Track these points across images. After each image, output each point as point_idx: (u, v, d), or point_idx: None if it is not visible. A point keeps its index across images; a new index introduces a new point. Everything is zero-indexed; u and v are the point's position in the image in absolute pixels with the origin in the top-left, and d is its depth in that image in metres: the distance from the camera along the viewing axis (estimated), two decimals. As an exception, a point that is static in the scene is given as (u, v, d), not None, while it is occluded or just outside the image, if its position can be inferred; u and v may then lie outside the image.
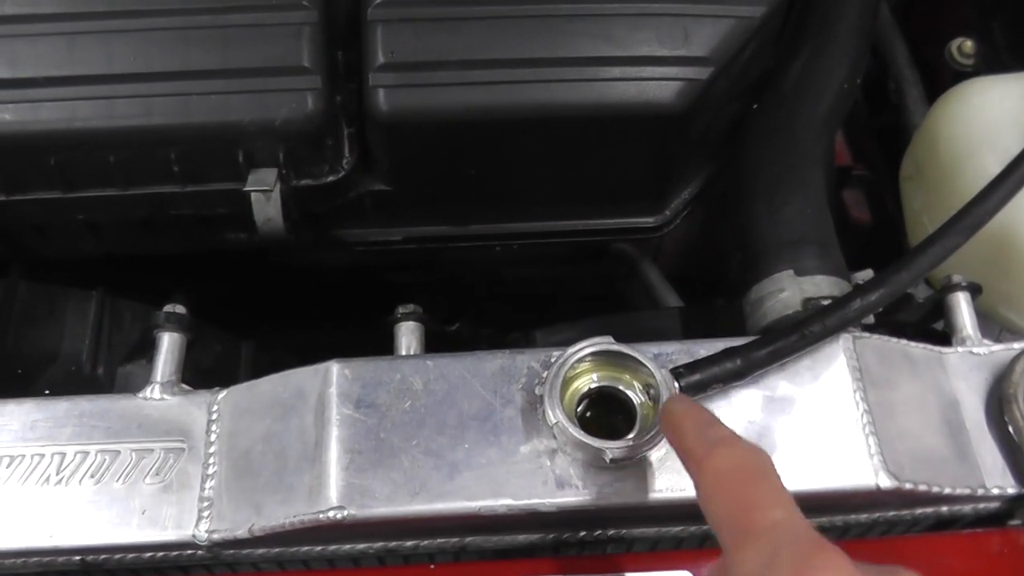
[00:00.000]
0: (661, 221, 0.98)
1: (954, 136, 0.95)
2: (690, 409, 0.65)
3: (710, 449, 0.60)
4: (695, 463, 0.61)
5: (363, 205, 0.92)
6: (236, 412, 0.76)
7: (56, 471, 0.74)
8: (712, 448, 0.60)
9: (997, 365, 0.79)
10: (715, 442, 0.60)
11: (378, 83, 0.82)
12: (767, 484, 0.57)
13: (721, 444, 0.60)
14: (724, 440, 0.60)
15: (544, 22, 0.83)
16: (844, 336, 0.76)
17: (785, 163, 0.87)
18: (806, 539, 0.53)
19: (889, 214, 1.15)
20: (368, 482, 0.70)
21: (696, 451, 0.61)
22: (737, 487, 0.57)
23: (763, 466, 0.58)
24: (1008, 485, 0.75)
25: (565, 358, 0.72)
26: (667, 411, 0.66)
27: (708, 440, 0.61)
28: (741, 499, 0.56)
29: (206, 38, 0.82)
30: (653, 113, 0.83)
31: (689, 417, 0.64)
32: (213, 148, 0.82)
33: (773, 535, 0.53)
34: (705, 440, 0.61)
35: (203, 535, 0.72)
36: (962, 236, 0.78)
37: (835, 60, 0.92)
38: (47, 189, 0.85)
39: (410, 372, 0.74)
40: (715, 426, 0.63)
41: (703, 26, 0.83)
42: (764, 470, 0.58)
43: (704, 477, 0.59)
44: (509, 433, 0.72)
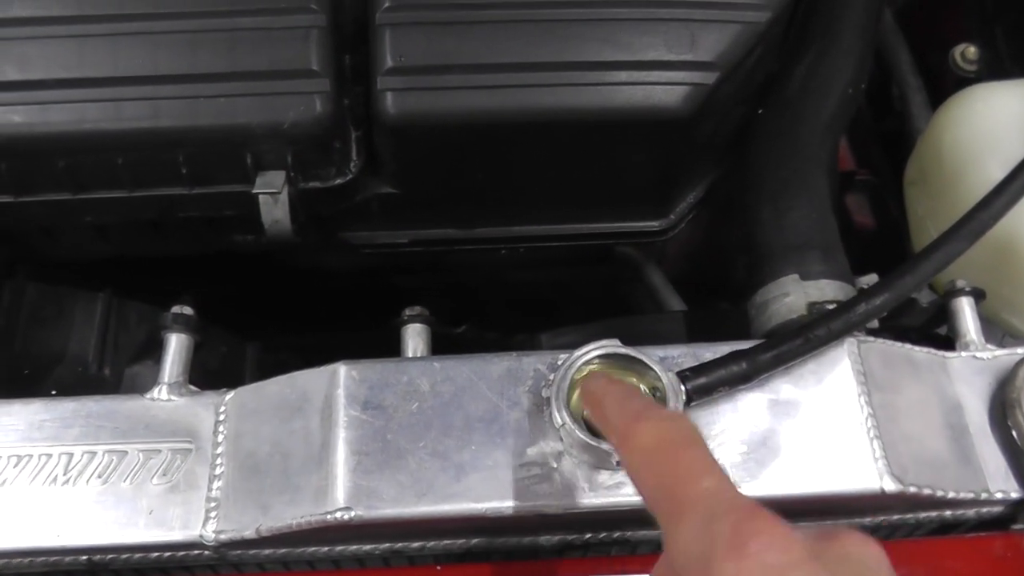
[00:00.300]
0: (666, 225, 0.98)
1: (958, 142, 0.96)
2: (609, 385, 0.64)
3: (632, 424, 0.58)
4: (619, 440, 0.60)
5: (370, 208, 0.92)
6: (243, 413, 0.77)
7: (63, 471, 0.75)
8: (634, 423, 0.58)
9: (1000, 370, 0.79)
10: (636, 416, 0.58)
11: (386, 87, 0.82)
12: (693, 453, 0.55)
13: (642, 418, 0.58)
14: (645, 413, 0.58)
15: (552, 26, 0.83)
16: (848, 340, 0.76)
17: (790, 167, 0.87)
18: (740, 505, 0.51)
19: (893, 219, 1.15)
20: (375, 483, 0.70)
21: (618, 428, 0.60)
22: (663, 460, 0.55)
23: (687, 435, 0.57)
24: (1011, 489, 0.75)
25: (572, 360, 0.72)
26: (586, 390, 0.66)
27: (629, 414, 0.59)
28: (668, 472, 0.55)
29: (214, 41, 0.82)
30: (659, 117, 0.83)
31: (609, 393, 0.63)
32: (221, 151, 0.83)
33: (705, 504, 0.52)
34: (626, 415, 0.59)
35: (210, 535, 0.72)
36: (966, 242, 0.78)
37: (839, 65, 0.92)
38: (55, 191, 0.85)
39: (417, 374, 0.75)
40: (634, 399, 0.62)
41: (709, 31, 0.83)
42: (689, 439, 0.56)
43: (630, 454, 0.58)
44: (516, 435, 0.72)
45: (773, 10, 0.85)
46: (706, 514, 0.51)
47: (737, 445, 0.72)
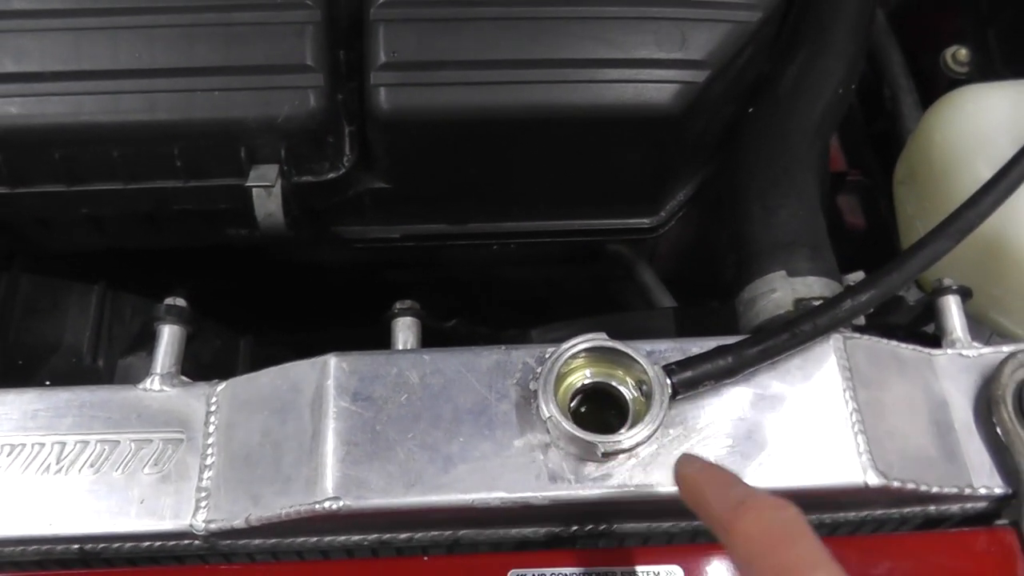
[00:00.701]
0: (657, 222, 0.99)
1: (947, 142, 0.97)
2: (705, 469, 0.64)
3: (736, 512, 0.57)
4: (723, 529, 0.58)
5: (363, 202, 0.92)
6: (234, 404, 0.77)
7: (56, 460, 0.75)
8: (738, 511, 0.57)
9: (986, 367, 0.80)
10: (739, 504, 0.58)
11: (379, 82, 0.83)
12: (803, 544, 0.55)
13: (747, 506, 0.57)
14: (749, 501, 0.58)
15: (544, 24, 0.84)
16: (835, 336, 0.77)
17: (779, 166, 0.88)
18: None
19: (883, 219, 1.16)
20: (364, 474, 0.71)
21: (722, 517, 0.59)
22: (772, 552, 0.55)
23: (795, 524, 0.56)
24: (995, 485, 0.76)
25: (559, 354, 0.73)
26: (682, 476, 0.64)
27: (732, 502, 0.58)
28: (778, 565, 0.54)
29: (210, 35, 0.83)
30: (650, 115, 0.84)
31: (707, 480, 0.62)
32: (215, 144, 0.83)
33: None
34: (729, 503, 0.59)
35: (200, 525, 0.73)
36: (953, 240, 0.79)
37: (830, 65, 0.93)
38: (51, 182, 0.85)
39: (407, 366, 0.75)
40: (736, 486, 0.61)
41: (700, 30, 0.84)
42: (798, 527, 0.56)
43: (736, 544, 0.57)
44: (503, 427, 0.73)
45: (764, 10, 0.85)
46: None
47: (722, 439, 0.73)
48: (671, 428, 0.73)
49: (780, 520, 0.57)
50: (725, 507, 0.59)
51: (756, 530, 0.56)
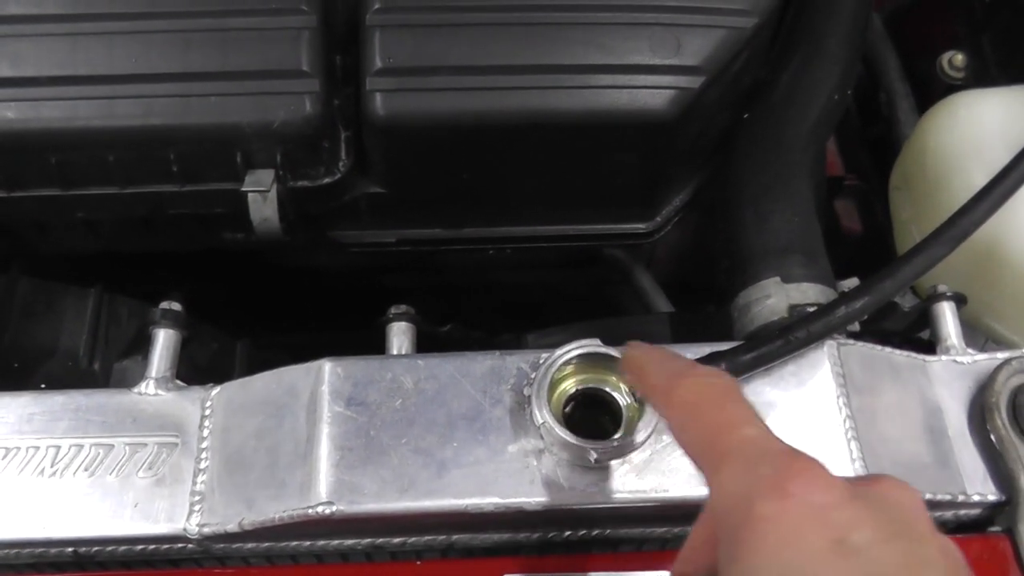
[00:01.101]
0: (652, 227, 0.99)
1: (942, 148, 0.97)
2: (649, 350, 0.65)
3: (672, 382, 0.59)
4: (661, 399, 0.61)
5: (358, 207, 0.92)
6: (229, 408, 0.78)
7: (51, 463, 0.75)
8: (674, 380, 0.59)
9: (980, 374, 0.80)
10: (676, 374, 0.60)
11: (375, 87, 0.83)
12: (733, 405, 0.57)
13: (684, 375, 0.59)
14: (684, 371, 0.60)
15: (539, 30, 0.84)
16: (829, 343, 0.77)
17: (773, 172, 0.88)
18: (780, 450, 0.52)
19: (880, 224, 1.16)
20: (357, 479, 0.71)
21: (659, 387, 0.61)
22: (704, 414, 0.57)
23: (727, 388, 0.58)
24: (989, 492, 0.76)
25: (553, 360, 0.73)
26: (628, 357, 0.66)
27: (670, 373, 0.60)
28: (710, 424, 0.56)
29: (206, 41, 0.83)
30: (645, 121, 0.84)
31: (650, 357, 0.64)
32: (211, 149, 0.83)
33: (747, 450, 0.53)
34: (667, 374, 0.60)
35: (194, 529, 0.73)
36: (947, 247, 0.79)
37: (825, 71, 0.93)
38: (47, 186, 0.85)
39: (401, 371, 0.75)
40: (674, 359, 0.63)
41: (695, 36, 0.84)
42: (728, 392, 0.58)
43: (672, 411, 0.59)
44: (497, 433, 0.73)
45: (759, 16, 0.86)
46: (748, 459, 0.52)
47: (716, 445, 0.73)
48: (665, 434, 0.73)
49: (712, 385, 0.58)
50: (663, 379, 0.61)
51: (690, 396, 0.58)
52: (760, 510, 0.49)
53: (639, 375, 0.65)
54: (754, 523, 0.49)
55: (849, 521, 0.48)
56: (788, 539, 0.48)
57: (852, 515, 0.49)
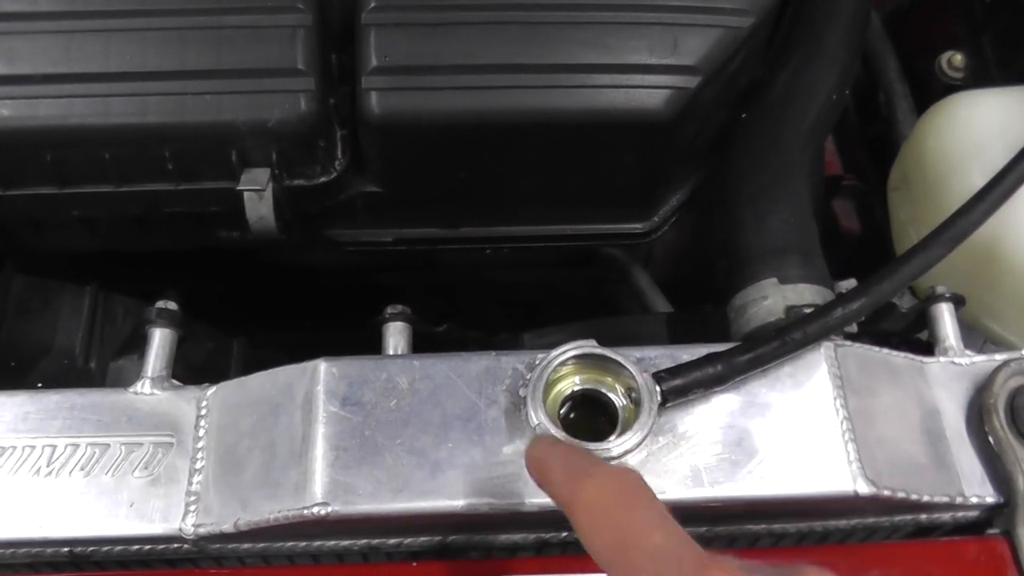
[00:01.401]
0: (650, 227, 0.99)
1: (940, 149, 0.96)
2: (552, 447, 0.63)
3: (575, 485, 0.57)
4: (566, 499, 0.58)
5: (355, 206, 0.92)
6: (224, 408, 0.77)
7: (47, 463, 0.75)
8: (576, 483, 0.57)
9: (978, 375, 0.80)
10: (580, 474, 0.58)
11: (371, 86, 0.83)
12: (639, 509, 0.55)
13: (587, 475, 0.57)
14: (589, 471, 0.58)
15: (536, 29, 0.84)
16: (826, 344, 0.76)
17: (771, 172, 0.88)
18: (690, 559, 0.51)
19: (878, 224, 1.16)
20: (352, 479, 0.71)
21: (563, 491, 0.59)
22: (610, 520, 0.55)
23: (633, 490, 0.56)
24: (987, 494, 0.76)
25: (548, 360, 0.73)
26: (530, 456, 0.63)
27: (573, 474, 0.58)
28: (616, 533, 0.54)
29: (202, 39, 0.83)
30: (642, 120, 0.84)
31: (551, 455, 0.62)
32: (207, 147, 0.83)
33: (657, 560, 0.52)
34: (570, 475, 0.58)
35: (189, 529, 0.73)
36: (945, 248, 0.79)
37: (823, 71, 0.93)
38: (42, 185, 0.85)
39: (396, 371, 0.75)
40: (577, 457, 0.61)
41: (692, 35, 0.84)
42: (635, 494, 0.56)
43: (577, 515, 0.57)
44: (492, 433, 0.73)
45: (757, 15, 0.85)
46: (658, 570, 0.51)
47: (712, 446, 0.73)
48: (660, 435, 0.73)
49: (618, 486, 0.57)
50: (567, 481, 0.59)
51: (595, 499, 0.56)
52: None
53: (541, 474, 0.62)
54: None
55: None
56: None
57: None
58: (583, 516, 0.57)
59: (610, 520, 0.55)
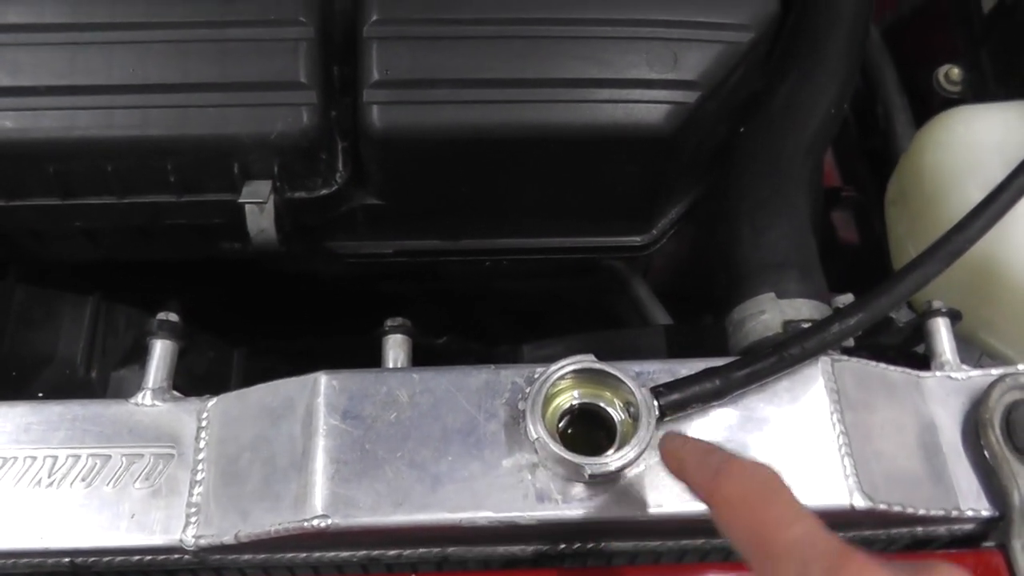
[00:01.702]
0: (649, 240, 0.99)
1: (938, 164, 0.97)
2: (687, 441, 0.66)
3: (715, 477, 0.59)
4: (705, 494, 0.61)
5: (355, 218, 0.93)
6: (225, 420, 0.78)
7: (48, 474, 0.76)
8: (717, 476, 0.59)
9: (974, 390, 0.80)
10: (718, 471, 0.60)
11: (372, 100, 0.83)
12: (780, 502, 0.57)
13: (725, 470, 0.60)
14: (727, 465, 0.60)
15: (537, 43, 0.84)
16: (823, 359, 0.77)
17: (770, 186, 0.89)
18: (832, 550, 0.53)
19: (876, 235, 1.16)
20: (352, 492, 0.71)
21: (703, 482, 0.61)
22: (751, 511, 0.57)
23: (772, 483, 0.58)
24: (983, 508, 0.76)
25: (547, 375, 0.73)
26: (665, 450, 0.67)
27: (711, 468, 0.60)
28: (758, 523, 0.56)
29: (205, 52, 0.84)
30: (642, 135, 0.84)
31: (688, 449, 0.64)
32: (209, 160, 0.84)
33: (797, 553, 0.53)
34: (709, 469, 0.61)
35: (190, 540, 0.73)
36: (942, 263, 0.79)
37: (822, 85, 0.93)
38: (45, 196, 0.86)
39: (396, 385, 0.76)
40: (715, 452, 0.63)
41: (692, 50, 0.84)
42: (774, 487, 0.58)
43: (717, 508, 0.59)
44: (492, 447, 0.73)
45: (756, 30, 0.86)
46: (799, 561, 0.53)
47: (710, 460, 0.73)
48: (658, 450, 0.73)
49: (757, 481, 0.58)
50: (705, 476, 0.61)
51: (734, 493, 0.58)
52: None
53: (679, 469, 0.65)
54: None
55: None
56: None
57: None
58: (722, 509, 0.59)
59: (749, 513, 0.57)
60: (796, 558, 0.53)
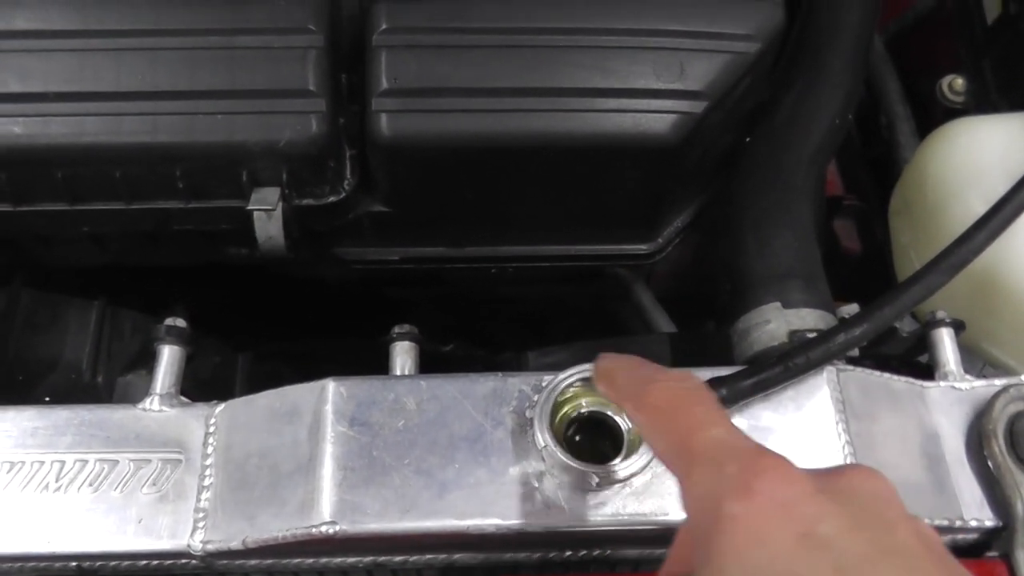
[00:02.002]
0: (654, 248, 1.00)
1: (941, 175, 0.97)
2: (618, 358, 0.66)
3: (642, 388, 0.60)
4: (632, 406, 0.61)
5: (362, 225, 0.93)
6: (233, 426, 0.78)
7: (55, 478, 0.76)
8: (643, 387, 0.60)
9: (978, 400, 0.80)
10: (646, 380, 0.61)
11: (381, 108, 0.83)
12: (701, 407, 0.57)
13: (652, 380, 0.60)
14: (654, 376, 0.61)
15: (545, 53, 0.85)
16: (828, 368, 0.77)
17: (774, 197, 0.89)
18: (747, 448, 0.54)
19: (879, 244, 1.17)
20: (360, 498, 0.71)
21: (630, 394, 0.62)
22: (674, 418, 0.57)
23: (694, 391, 0.59)
24: (986, 518, 0.77)
25: (556, 383, 0.74)
26: (599, 368, 0.67)
27: (640, 380, 0.61)
28: (679, 427, 0.57)
29: (214, 59, 0.84)
30: (648, 145, 0.85)
31: (619, 365, 0.65)
32: (218, 166, 0.84)
33: (714, 451, 0.54)
34: (637, 381, 0.61)
35: (197, 545, 0.74)
36: (946, 275, 0.80)
37: (827, 96, 0.94)
38: (53, 201, 0.86)
39: (404, 392, 0.76)
40: (643, 366, 0.64)
41: (699, 61, 0.85)
42: (696, 395, 0.59)
43: (642, 417, 0.60)
44: (499, 454, 0.73)
45: (762, 41, 0.86)
46: (715, 460, 0.53)
47: (716, 469, 0.73)
48: (665, 458, 0.73)
49: (681, 389, 0.59)
50: (634, 387, 0.61)
51: (659, 401, 0.59)
52: (728, 510, 0.50)
53: (609, 383, 0.65)
54: (723, 523, 0.50)
55: (815, 514, 0.49)
56: (755, 537, 0.49)
57: (818, 508, 0.50)
58: (647, 417, 0.60)
59: (672, 419, 0.58)
60: (712, 458, 0.53)
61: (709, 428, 0.56)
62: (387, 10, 0.86)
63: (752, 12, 0.87)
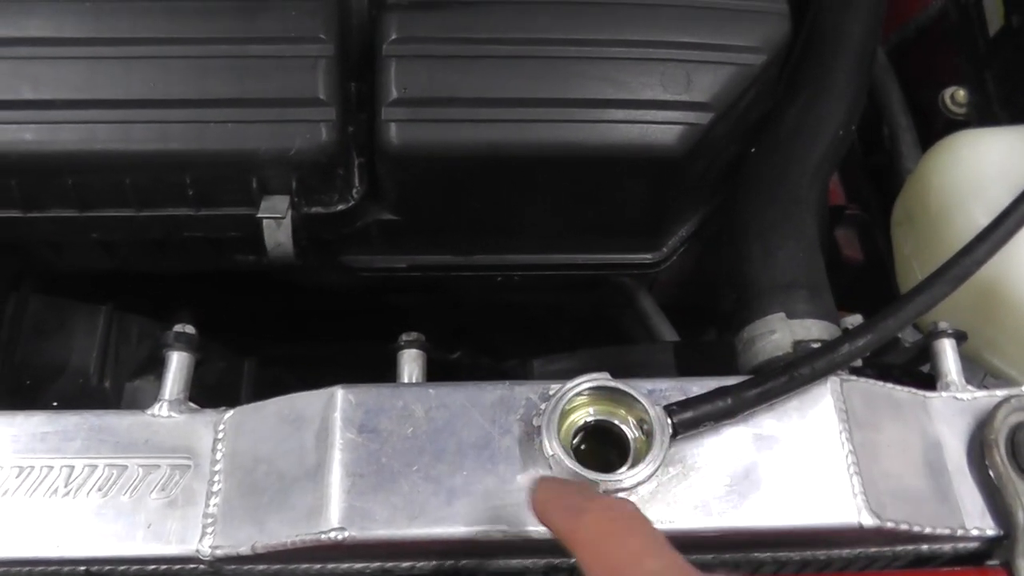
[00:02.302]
0: (659, 258, 1.00)
1: (943, 187, 0.98)
2: (552, 487, 0.66)
3: (575, 521, 0.59)
4: (566, 535, 0.60)
5: (370, 233, 0.94)
6: (242, 432, 0.78)
7: (64, 483, 0.76)
8: (576, 519, 0.59)
9: (980, 411, 0.81)
10: (578, 511, 0.60)
11: (390, 117, 0.84)
12: (634, 538, 0.57)
13: (584, 511, 0.60)
14: (585, 506, 0.60)
15: (552, 63, 0.86)
16: (832, 379, 0.78)
17: (779, 207, 0.89)
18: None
19: (880, 253, 1.17)
20: (368, 505, 0.72)
21: (564, 524, 0.61)
22: (608, 553, 0.57)
23: (628, 520, 0.59)
24: (987, 527, 0.77)
25: (563, 392, 0.74)
26: (534, 501, 0.66)
27: (572, 511, 0.60)
28: (615, 564, 0.56)
29: (224, 67, 0.84)
30: (654, 156, 0.86)
31: (552, 496, 0.64)
32: (227, 174, 0.85)
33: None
34: (569, 512, 0.61)
35: (206, 550, 0.74)
36: (949, 286, 0.80)
37: (831, 108, 0.94)
38: (63, 208, 0.86)
39: (412, 399, 0.76)
40: (575, 494, 0.63)
41: (705, 72, 0.86)
42: (630, 524, 0.58)
43: (577, 550, 0.59)
44: (506, 462, 0.74)
45: (768, 53, 0.87)
46: None
47: (720, 477, 0.74)
48: (670, 466, 0.74)
49: (611, 518, 0.59)
50: (567, 517, 0.61)
51: (592, 532, 0.58)
52: None
53: (543, 515, 0.65)
54: None
55: None
56: None
57: None
58: (583, 551, 0.58)
59: (605, 551, 0.57)
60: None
61: (643, 561, 0.55)
62: (397, 20, 0.86)
63: (758, 24, 0.88)
